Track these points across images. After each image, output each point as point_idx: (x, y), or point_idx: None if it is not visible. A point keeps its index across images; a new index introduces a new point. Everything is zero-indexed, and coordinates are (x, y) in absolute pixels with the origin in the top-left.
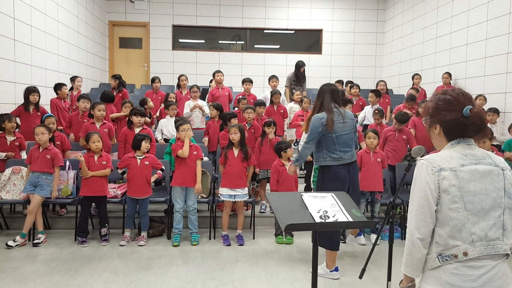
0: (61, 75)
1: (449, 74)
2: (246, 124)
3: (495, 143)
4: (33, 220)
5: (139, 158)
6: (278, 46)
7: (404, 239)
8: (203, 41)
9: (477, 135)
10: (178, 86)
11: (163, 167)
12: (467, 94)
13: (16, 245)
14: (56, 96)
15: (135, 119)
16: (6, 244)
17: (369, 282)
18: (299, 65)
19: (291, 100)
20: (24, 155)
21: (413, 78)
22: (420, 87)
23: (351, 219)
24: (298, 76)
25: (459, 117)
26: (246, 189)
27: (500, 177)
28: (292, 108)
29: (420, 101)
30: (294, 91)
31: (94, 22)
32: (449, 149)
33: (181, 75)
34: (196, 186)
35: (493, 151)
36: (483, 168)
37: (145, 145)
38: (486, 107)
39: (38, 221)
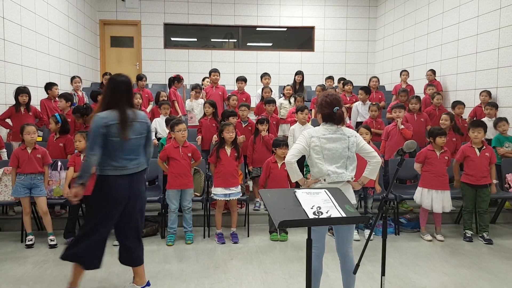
0: (52, 75)
1: (433, 71)
2: (242, 122)
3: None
4: (50, 219)
5: None
6: (270, 44)
7: (398, 234)
8: (195, 40)
9: (342, 123)
10: (170, 85)
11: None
12: (339, 98)
13: (55, 245)
14: (47, 95)
15: None
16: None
17: (363, 277)
18: (295, 74)
19: (282, 95)
20: (4, 155)
21: (401, 74)
22: (407, 83)
23: (344, 215)
24: (294, 86)
25: (330, 112)
26: (240, 187)
27: (345, 141)
28: (283, 104)
29: (410, 97)
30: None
31: (85, 21)
32: (321, 126)
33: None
34: None
35: (483, 146)
36: (335, 136)
37: None
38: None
39: (27, 222)
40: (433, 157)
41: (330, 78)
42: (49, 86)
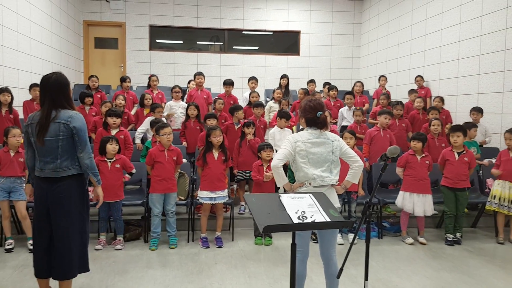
0: (34, 76)
1: (421, 77)
2: (235, 124)
3: (478, 141)
4: (29, 223)
5: (110, 161)
6: (256, 48)
7: (381, 238)
8: (181, 42)
9: (325, 128)
10: (149, 86)
11: (134, 170)
12: (322, 103)
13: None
14: (30, 97)
15: (110, 120)
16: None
17: (346, 281)
18: (281, 78)
19: (271, 99)
20: None
21: (379, 79)
22: (385, 88)
23: (328, 219)
24: (280, 89)
25: (314, 116)
26: (226, 190)
27: (330, 145)
28: (272, 107)
29: (394, 102)
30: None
31: (68, 21)
32: (305, 131)
33: (152, 75)
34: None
35: (463, 150)
36: (320, 140)
37: (110, 147)
38: (459, 109)
39: (6, 226)
40: (414, 161)
41: (312, 81)
42: (33, 86)
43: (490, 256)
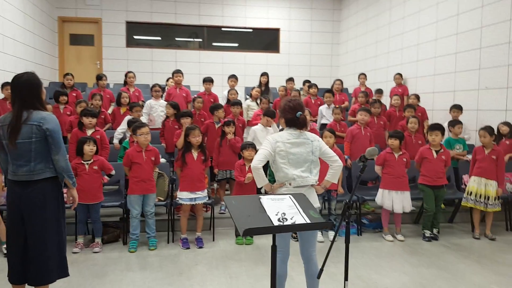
0: (7, 74)
1: (400, 75)
2: (215, 123)
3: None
4: (4, 227)
5: (87, 163)
6: (236, 44)
7: (360, 235)
8: (159, 38)
9: (305, 128)
10: (125, 83)
11: (113, 172)
12: (301, 103)
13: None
14: (2, 96)
15: (86, 120)
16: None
17: (326, 279)
18: (261, 75)
19: (249, 96)
20: None
21: (359, 78)
22: (366, 86)
23: (308, 221)
24: (260, 87)
25: (293, 117)
26: (206, 191)
27: (309, 145)
28: (250, 106)
29: (372, 100)
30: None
31: (42, 18)
32: (285, 131)
33: (128, 72)
34: None
35: (441, 149)
36: (299, 141)
37: (88, 148)
38: (436, 106)
39: None
40: (392, 159)
41: (291, 80)
42: (5, 85)
43: (466, 251)
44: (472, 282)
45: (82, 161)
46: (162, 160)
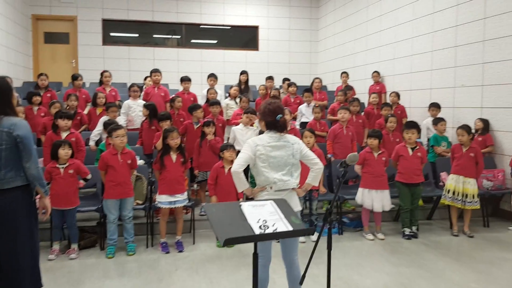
0: None
1: (378, 73)
2: (194, 123)
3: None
4: None
5: (62, 167)
6: (215, 41)
7: (342, 234)
8: (137, 35)
9: (285, 131)
10: (101, 82)
11: (89, 176)
12: (281, 106)
13: None
14: None
15: (62, 122)
16: None
17: (309, 281)
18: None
19: (228, 95)
20: None
21: (341, 76)
22: (348, 84)
23: (290, 228)
24: (239, 86)
25: (273, 120)
26: (186, 193)
27: (290, 148)
28: (229, 104)
29: (351, 99)
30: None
31: (15, 16)
32: (265, 134)
33: (104, 71)
34: None
35: (416, 146)
36: (280, 144)
37: (63, 152)
38: (413, 104)
39: None
40: (371, 159)
41: (270, 78)
42: None
43: (445, 249)
44: (452, 281)
45: (57, 165)
46: (141, 162)
